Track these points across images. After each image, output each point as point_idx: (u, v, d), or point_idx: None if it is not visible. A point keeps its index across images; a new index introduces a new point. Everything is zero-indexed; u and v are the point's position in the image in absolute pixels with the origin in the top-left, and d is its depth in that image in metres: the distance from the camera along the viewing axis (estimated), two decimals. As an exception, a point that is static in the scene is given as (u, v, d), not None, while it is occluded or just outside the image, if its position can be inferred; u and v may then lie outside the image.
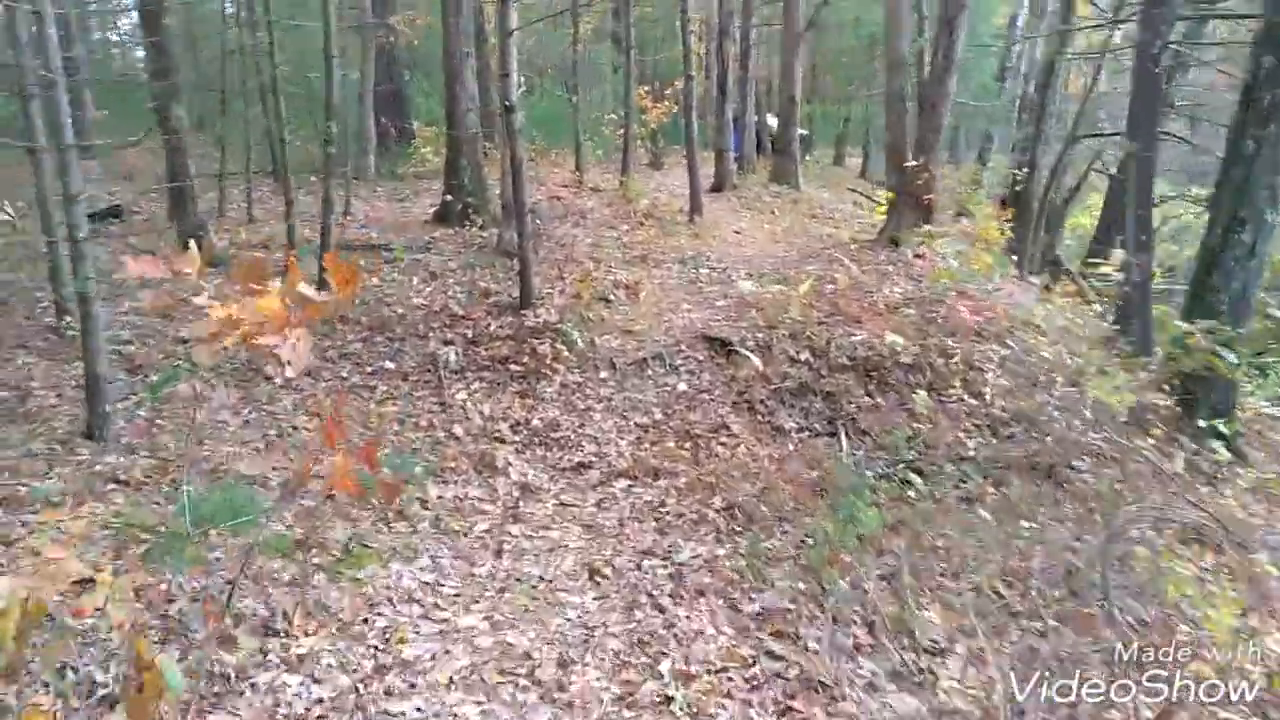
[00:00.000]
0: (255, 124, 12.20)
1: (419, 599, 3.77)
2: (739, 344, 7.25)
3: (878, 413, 6.61)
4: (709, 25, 19.52)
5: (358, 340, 7.26)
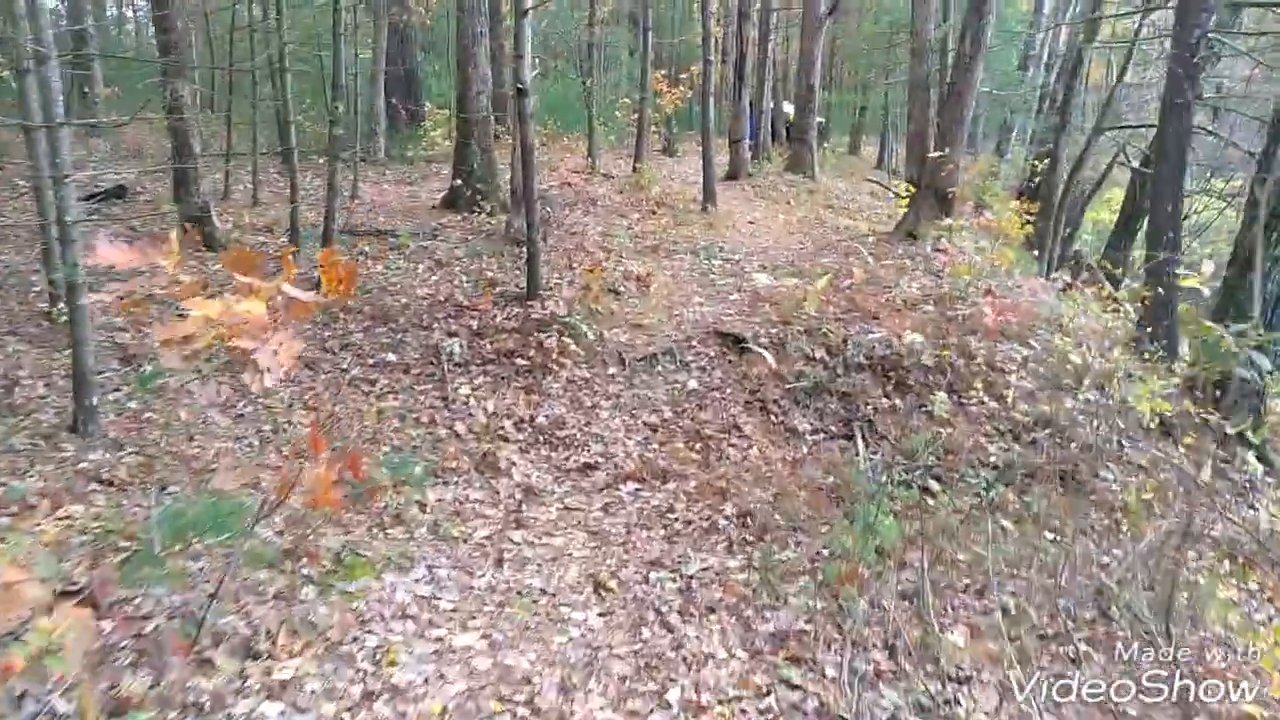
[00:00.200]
0: (264, 103, 11.97)
1: (413, 615, 3.56)
2: (752, 340, 7.01)
3: (895, 415, 6.37)
4: (728, 8, 19.14)
5: (359, 330, 7.05)
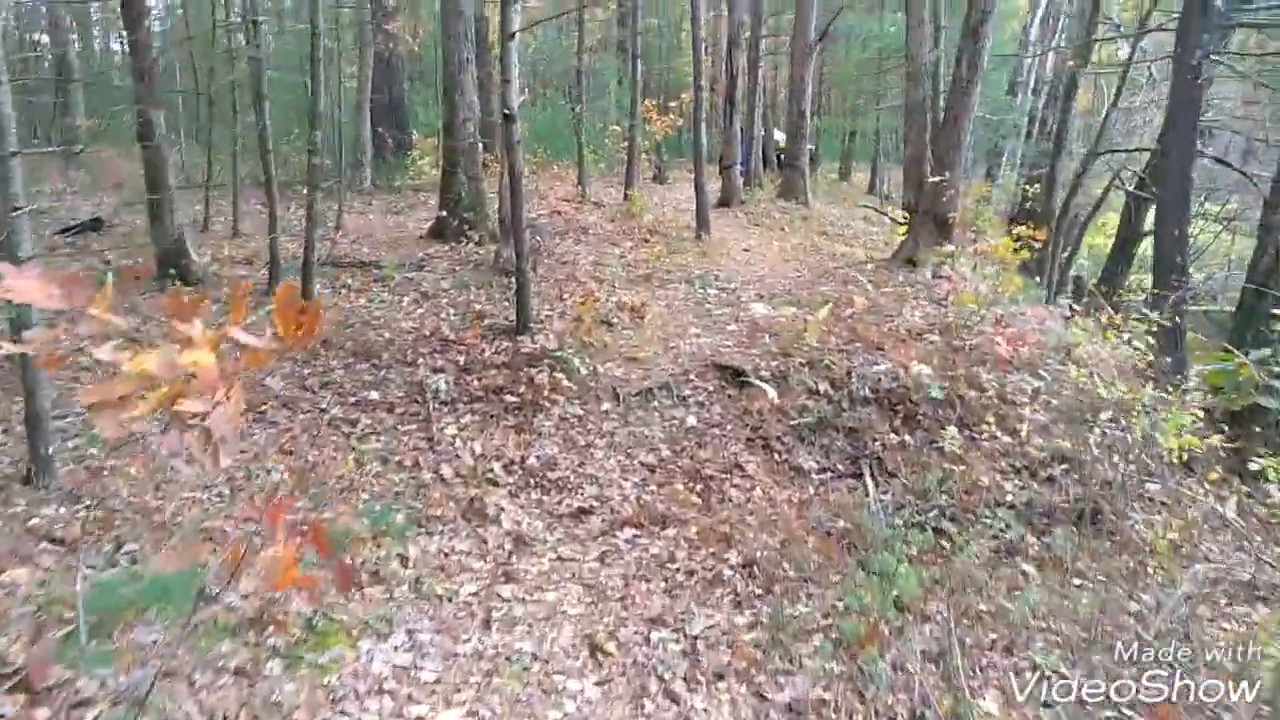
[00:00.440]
0: (247, 132, 11.70)
1: (391, 690, 3.21)
2: (752, 373, 6.71)
3: (905, 451, 6.06)
4: (718, 36, 19.10)
5: (340, 367, 6.72)
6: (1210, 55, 8.28)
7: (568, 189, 13.96)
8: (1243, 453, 6.22)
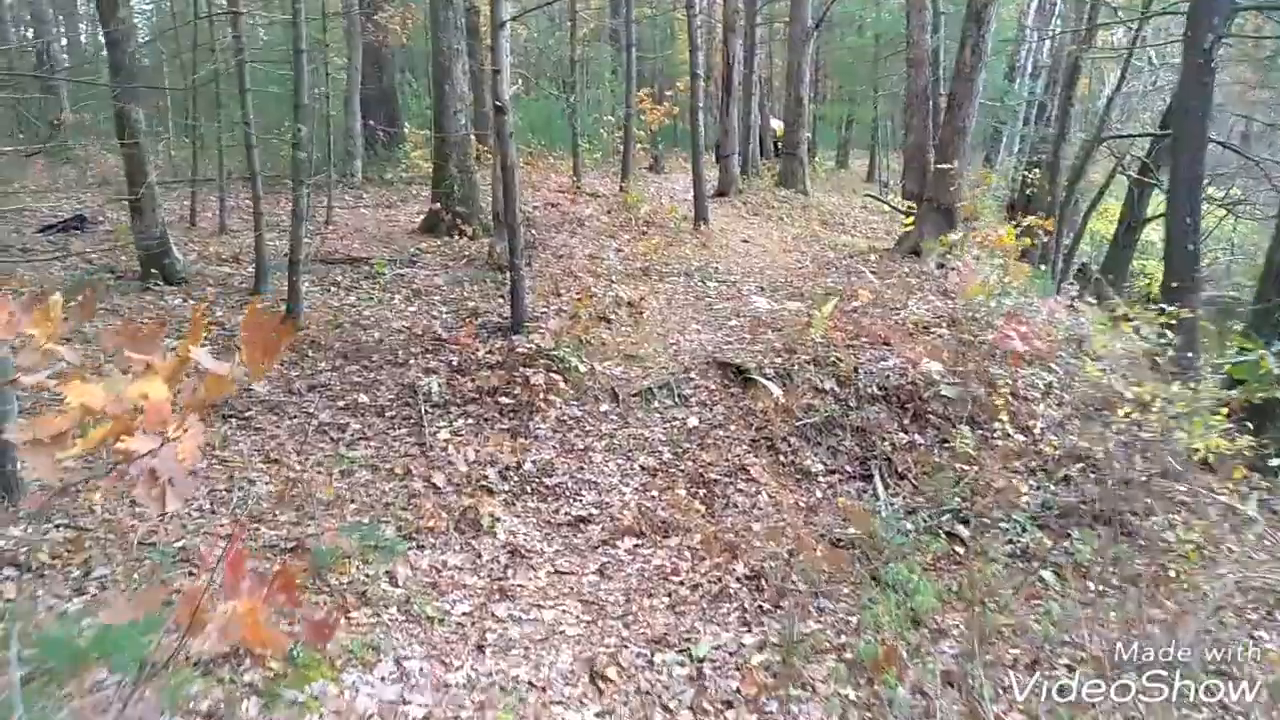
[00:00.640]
0: (235, 125, 11.42)
1: (377, 727, 3.00)
2: (756, 371, 6.48)
3: (915, 452, 5.84)
4: (713, 22, 18.79)
5: (329, 369, 6.48)
6: (1221, 38, 8.02)
7: (563, 180, 13.67)
8: (1263, 448, 6.01)
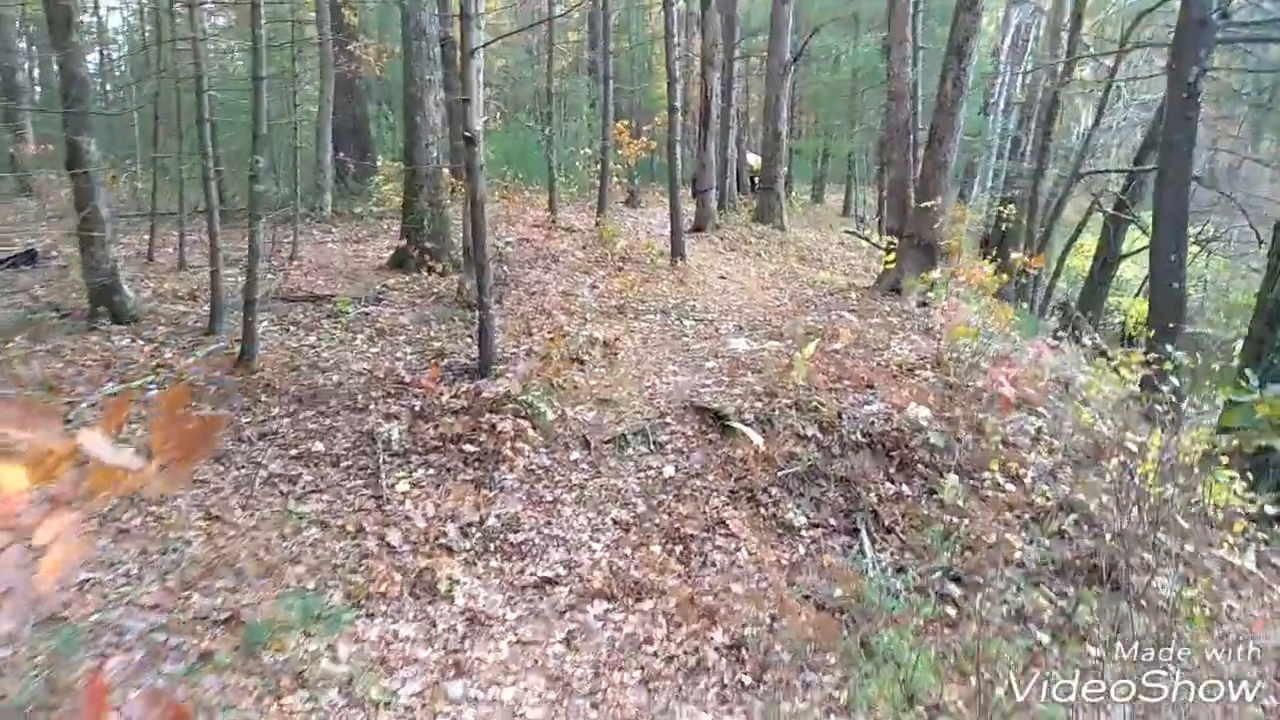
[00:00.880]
0: (196, 158, 11.07)
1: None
2: (735, 416, 6.18)
3: (903, 503, 5.55)
4: (690, 56, 18.79)
5: (283, 415, 6.10)
6: (1206, 71, 7.97)
7: (538, 214, 13.43)
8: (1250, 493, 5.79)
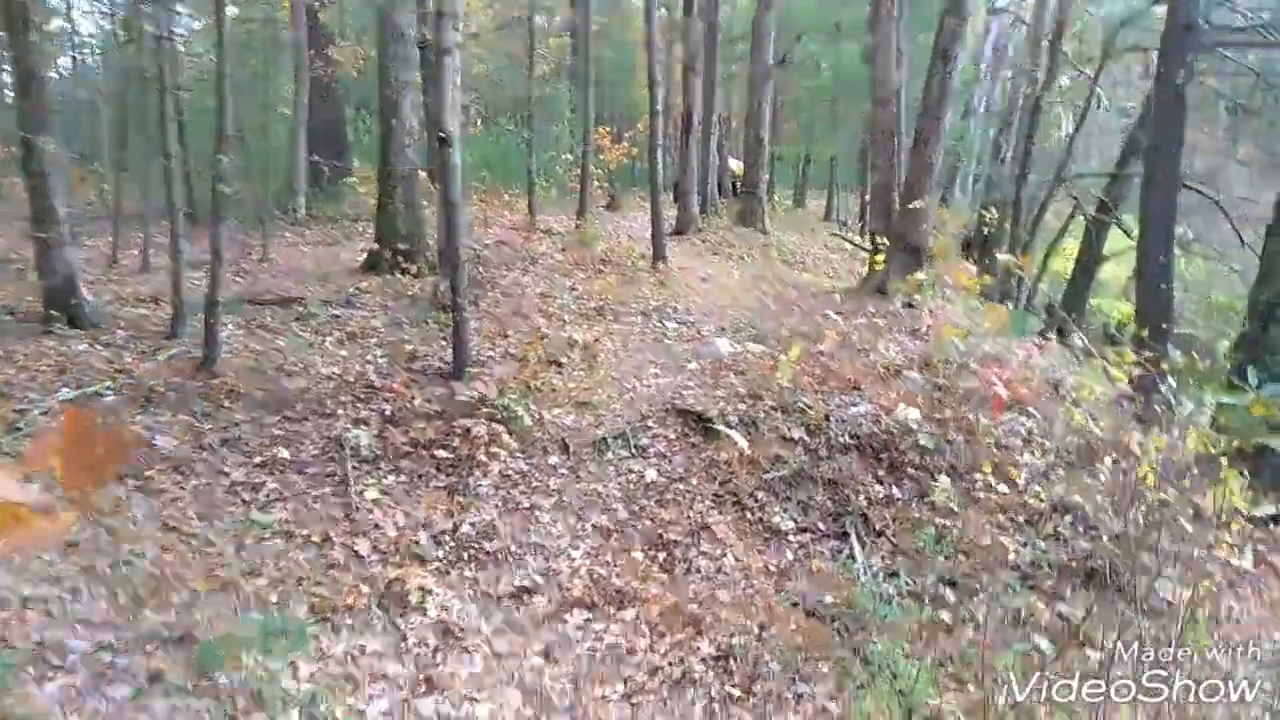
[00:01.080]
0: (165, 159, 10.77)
1: None
2: (718, 419, 5.99)
3: (893, 506, 5.38)
4: (672, 61, 18.70)
5: (247, 420, 5.82)
6: (1194, 75, 7.90)
7: (517, 218, 13.23)
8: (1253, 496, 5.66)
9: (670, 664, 3.86)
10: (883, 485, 5.51)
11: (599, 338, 7.65)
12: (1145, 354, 6.91)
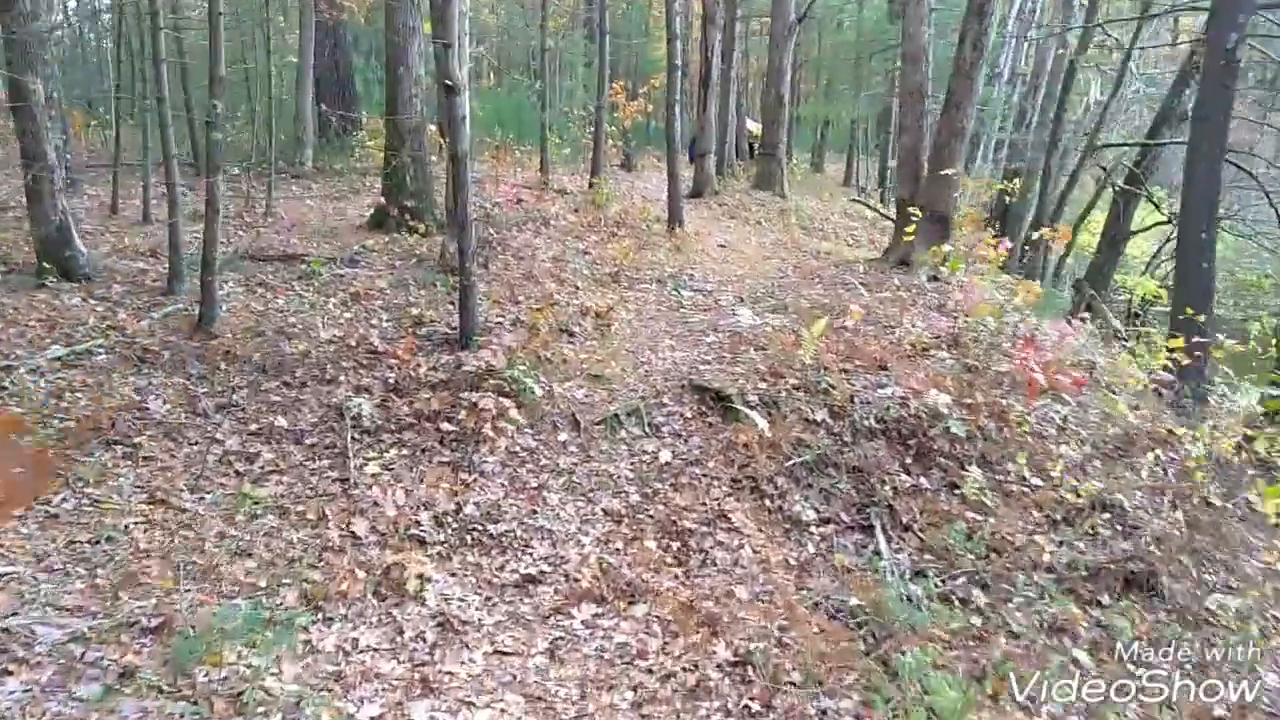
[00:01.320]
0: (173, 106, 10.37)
1: None
2: (737, 398, 5.67)
3: (921, 498, 5.07)
4: (690, 16, 18.05)
5: (244, 384, 5.56)
6: (1245, 38, 7.40)
7: (529, 175, 12.80)
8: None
9: (684, 669, 3.60)
10: (910, 475, 5.20)
11: (613, 306, 7.32)
12: (1186, 338, 6.57)
